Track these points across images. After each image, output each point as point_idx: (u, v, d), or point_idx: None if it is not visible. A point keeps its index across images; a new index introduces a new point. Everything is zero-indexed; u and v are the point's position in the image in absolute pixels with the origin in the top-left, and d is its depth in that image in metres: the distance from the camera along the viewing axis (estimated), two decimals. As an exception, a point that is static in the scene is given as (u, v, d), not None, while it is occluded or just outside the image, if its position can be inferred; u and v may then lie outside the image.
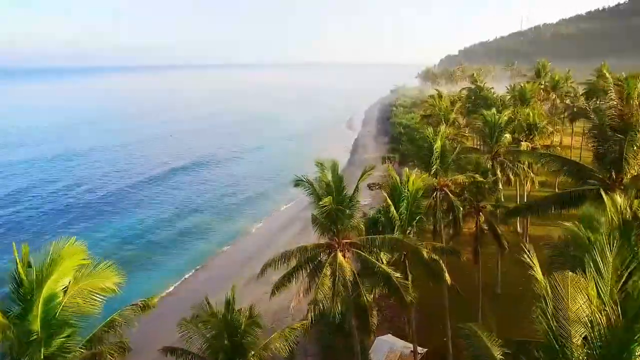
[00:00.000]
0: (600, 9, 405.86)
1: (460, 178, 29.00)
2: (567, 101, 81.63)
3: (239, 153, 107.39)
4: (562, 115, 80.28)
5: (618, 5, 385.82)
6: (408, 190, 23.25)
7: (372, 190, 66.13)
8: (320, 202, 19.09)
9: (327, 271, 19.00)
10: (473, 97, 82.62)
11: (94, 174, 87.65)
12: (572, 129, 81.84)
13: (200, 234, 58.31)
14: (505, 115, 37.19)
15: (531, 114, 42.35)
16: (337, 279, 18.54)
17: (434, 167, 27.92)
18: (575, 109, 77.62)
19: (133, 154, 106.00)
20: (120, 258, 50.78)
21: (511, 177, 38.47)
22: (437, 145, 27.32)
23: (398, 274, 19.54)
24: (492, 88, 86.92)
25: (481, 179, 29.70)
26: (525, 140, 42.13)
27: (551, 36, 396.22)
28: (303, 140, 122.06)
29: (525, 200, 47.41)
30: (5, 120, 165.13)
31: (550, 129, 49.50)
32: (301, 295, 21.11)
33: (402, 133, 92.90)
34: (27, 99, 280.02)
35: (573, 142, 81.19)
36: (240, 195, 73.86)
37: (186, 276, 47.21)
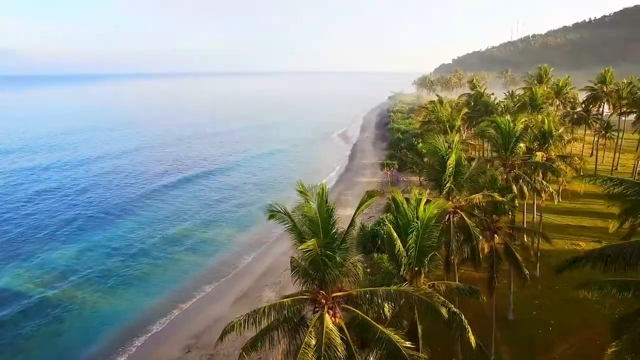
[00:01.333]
0: (587, 20, 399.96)
1: (477, 198, 22.39)
2: (568, 108, 75.03)
3: (251, 159, 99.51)
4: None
5: (604, 17, 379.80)
6: (418, 218, 16.87)
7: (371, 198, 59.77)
8: (302, 247, 12.64)
9: (311, 340, 12.57)
10: (473, 103, 76.33)
11: (103, 180, 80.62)
12: (572, 135, 75.49)
13: (214, 246, 51.11)
14: (521, 122, 30.50)
15: (546, 121, 35.71)
16: (323, 354, 12.13)
17: (447, 185, 21.29)
18: (575, 116, 71.28)
19: (140, 160, 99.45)
20: (133, 275, 43.90)
21: (526, 191, 31.83)
22: (452, 159, 20.64)
23: (408, 343, 13.04)
24: (493, 94, 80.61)
25: (500, 199, 23.12)
26: (539, 150, 35.60)
27: (540, 46, 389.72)
28: (304, 145, 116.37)
29: (535, 212, 40.95)
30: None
31: (567, 137, 42.79)
32: (279, 358, 14.78)
33: (401, 139, 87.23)
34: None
35: (573, 150, 75.03)
36: (257, 203, 65.58)
37: (198, 295, 40.10)
